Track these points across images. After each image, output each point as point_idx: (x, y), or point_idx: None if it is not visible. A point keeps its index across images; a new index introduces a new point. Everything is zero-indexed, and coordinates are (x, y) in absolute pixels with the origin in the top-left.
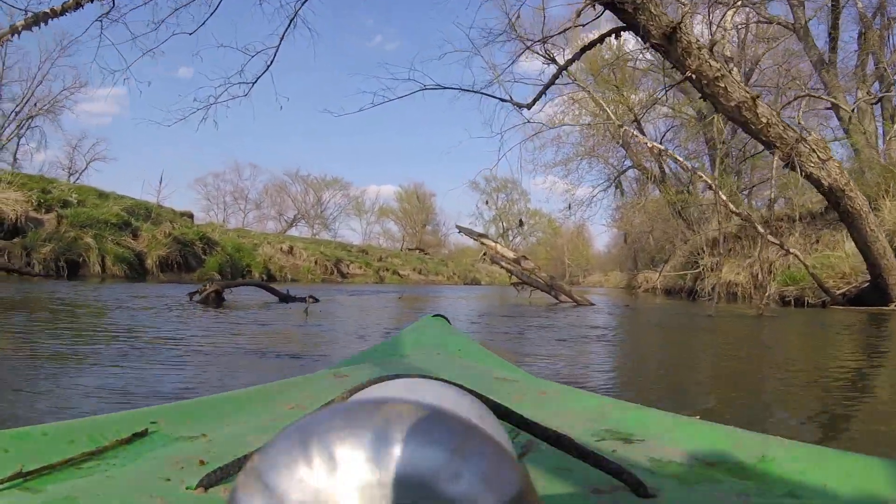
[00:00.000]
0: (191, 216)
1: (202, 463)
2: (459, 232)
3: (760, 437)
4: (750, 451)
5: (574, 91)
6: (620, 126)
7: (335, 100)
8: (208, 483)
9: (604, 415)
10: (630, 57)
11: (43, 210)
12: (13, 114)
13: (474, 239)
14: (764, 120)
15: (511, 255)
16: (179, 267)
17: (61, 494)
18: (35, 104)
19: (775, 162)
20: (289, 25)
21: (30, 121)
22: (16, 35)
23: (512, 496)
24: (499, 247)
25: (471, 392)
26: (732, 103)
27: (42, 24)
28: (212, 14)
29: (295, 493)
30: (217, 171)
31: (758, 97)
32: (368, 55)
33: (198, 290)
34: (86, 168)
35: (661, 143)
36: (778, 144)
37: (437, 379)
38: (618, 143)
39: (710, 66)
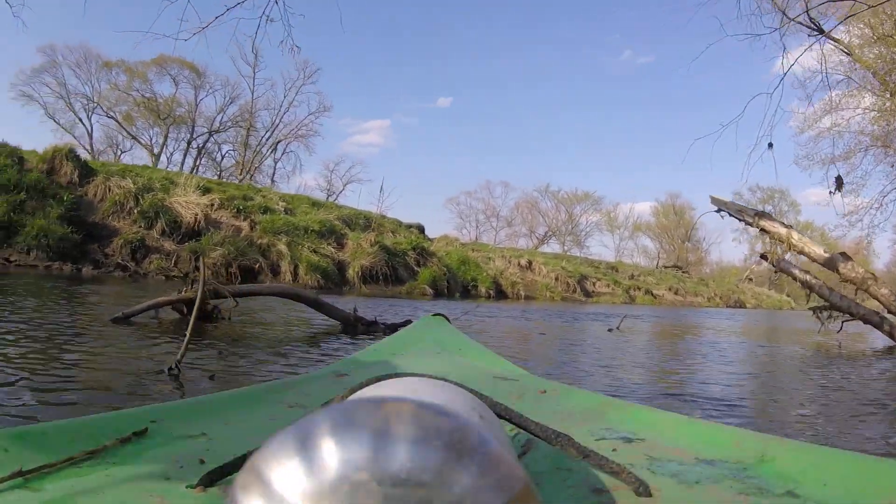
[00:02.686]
0: (420, 228)
1: (202, 462)
2: (719, 211)
3: (760, 436)
4: (749, 450)
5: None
6: None
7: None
8: (208, 482)
9: (603, 414)
10: None
11: (242, 217)
12: (263, 139)
13: (748, 222)
14: None
15: (819, 251)
16: (387, 279)
17: (61, 493)
18: (283, 129)
19: None
20: None
21: (278, 144)
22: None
23: (512, 495)
24: (795, 235)
25: (471, 391)
26: None
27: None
28: None
29: (294, 492)
30: (469, 190)
31: None
32: (616, 69)
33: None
34: (342, 189)
35: None
36: None
37: (436, 378)
38: None
39: None
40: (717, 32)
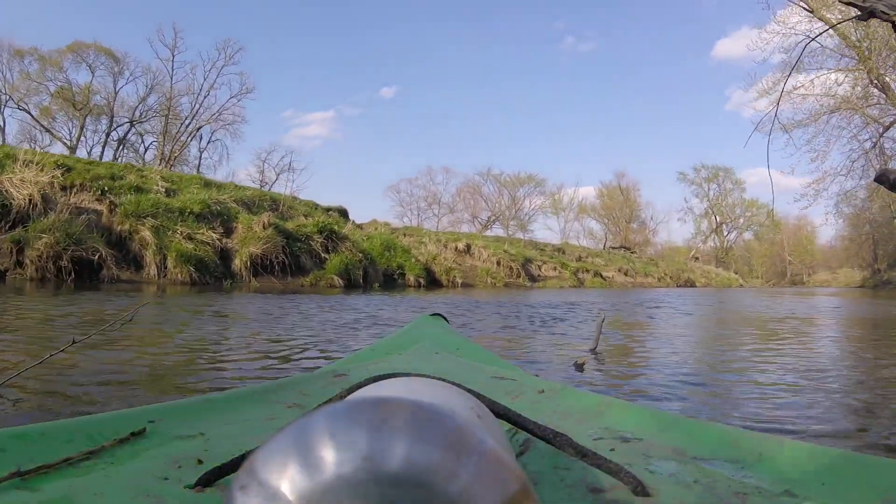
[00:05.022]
0: (342, 212)
1: (200, 462)
2: None
3: (758, 435)
4: (747, 449)
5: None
6: None
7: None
8: (206, 482)
9: (602, 414)
10: None
11: (107, 200)
12: (183, 126)
13: None
14: None
15: None
16: (286, 269)
17: (59, 493)
18: (204, 115)
19: None
20: None
21: (200, 131)
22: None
23: (509, 495)
24: None
25: (469, 391)
26: None
27: None
28: None
29: (292, 492)
30: (410, 178)
31: None
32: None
33: None
34: (276, 179)
35: None
36: None
37: (435, 378)
38: (877, 86)
39: None
40: (656, 18)
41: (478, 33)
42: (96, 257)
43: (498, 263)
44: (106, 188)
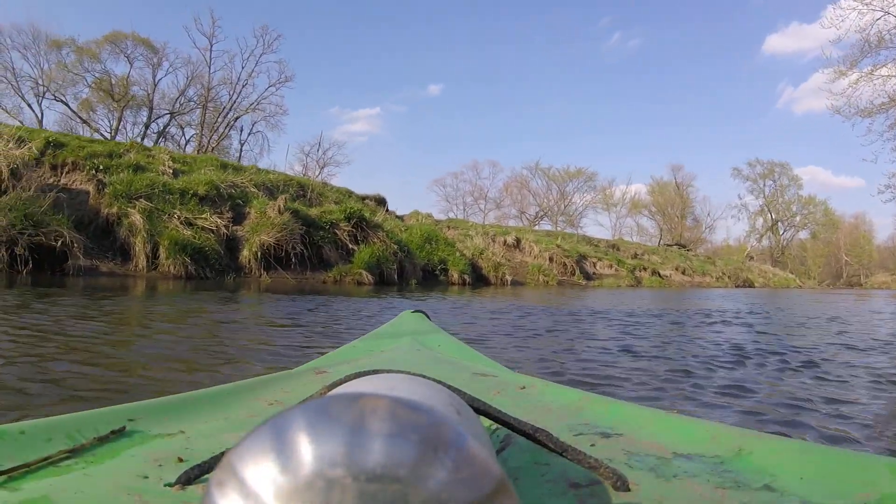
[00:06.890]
0: (380, 201)
1: (180, 460)
2: None
3: (737, 430)
4: (727, 444)
5: None
6: None
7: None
8: (186, 480)
9: (582, 409)
10: None
11: (94, 179)
12: (220, 116)
13: None
14: None
15: None
16: (305, 262)
17: (38, 493)
18: (242, 105)
19: None
20: None
21: (238, 121)
22: None
23: (488, 491)
24: None
25: (449, 387)
26: None
27: None
28: None
29: (269, 488)
30: (455, 172)
31: None
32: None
33: None
34: (319, 173)
35: None
36: None
37: (415, 374)
38: None
39: None
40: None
41: (525, 31)
42: (59, 243)
43: (550, 259)
44: (101, 166)
